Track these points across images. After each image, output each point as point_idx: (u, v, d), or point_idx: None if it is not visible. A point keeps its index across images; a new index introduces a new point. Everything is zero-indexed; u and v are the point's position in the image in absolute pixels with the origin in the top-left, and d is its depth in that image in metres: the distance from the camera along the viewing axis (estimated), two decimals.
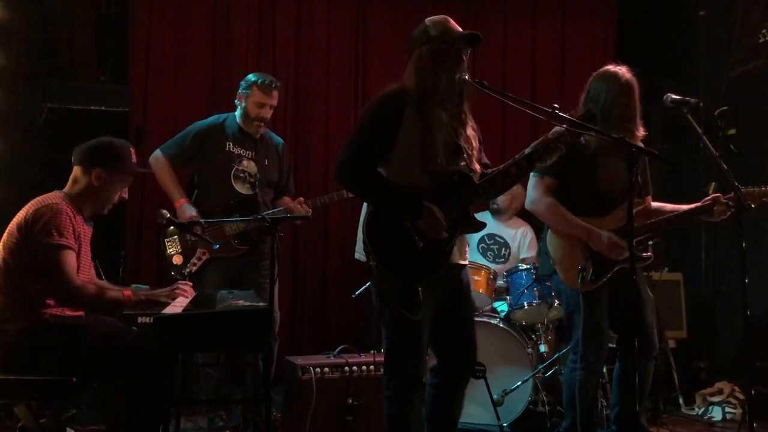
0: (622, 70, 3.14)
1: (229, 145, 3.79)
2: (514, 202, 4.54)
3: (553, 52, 5.52)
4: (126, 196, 2.97)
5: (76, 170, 2.88)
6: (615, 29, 5.59)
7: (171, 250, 3.69)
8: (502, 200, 4.51)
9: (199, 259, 3.64)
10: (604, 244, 3.03)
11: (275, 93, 3.81)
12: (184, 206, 3.71)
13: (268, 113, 3.82)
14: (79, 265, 2.81)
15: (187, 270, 3.62)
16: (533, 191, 3.19)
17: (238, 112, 3.85)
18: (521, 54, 5.47)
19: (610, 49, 5.52)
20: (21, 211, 2.77)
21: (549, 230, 3.23)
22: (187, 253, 3.68)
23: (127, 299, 2.77)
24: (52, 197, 2.79)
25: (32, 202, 2.79)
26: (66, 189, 2.87)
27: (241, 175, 3.78)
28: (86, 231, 2.90)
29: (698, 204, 3.16)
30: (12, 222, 2.78)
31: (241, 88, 3.83)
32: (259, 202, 3.75)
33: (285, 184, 3.97)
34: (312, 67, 5.10)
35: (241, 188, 3.77)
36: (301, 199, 3.84)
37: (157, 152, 3.83)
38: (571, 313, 3.16)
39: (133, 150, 2.95)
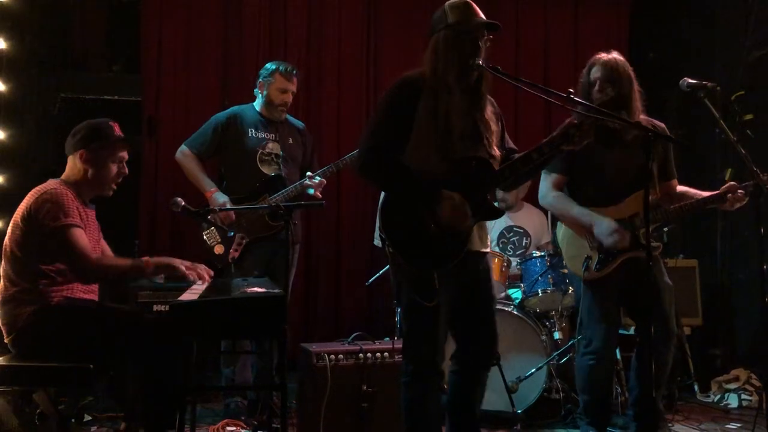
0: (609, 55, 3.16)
1: (251, 131, 3.85)
2: (520, 193, 4.55)
3: (566, 39, 5.46)
4: (126, 171, 2.96)
5: (68, 160, 2.93)
6: (629, 13, 5.53)
7: (211, 242, 3.74)
8: (508, 196, 4.48)
9: (240, 244, 3.69)
10: (603, 231, 3.05)
11: (296, 79, 3.91)
12: (215, 195, 3.75)
13: (289, 98, 3.91)
14: None
15: (231, 257, 3.66)
16: (542, 187, 3.27)
17: (258, 101, 3.92)
18: (534, 42, 5.42)
19: (623, 34, 5.46)
20: (22, 203, 2.80)
21: (559, 222, 3.32)
22: (226, 241, 3.74)
23: (146, 264, 2.79)
24: (50, 184, 2.83)
25: (31, 192, 2.81)
26: (62, 177, 2.91)
27: (266, 158, 3.84)
28: (88, 212, 2.92)
29: (711, 193, 3.14)
30: (15, 215, 2.80)
31: (261, 77, 3.88)
32: (285, 178, 3.81)
33: (309, 162, 4.02)
34: (324, 55, 5.09)
35: (267, 170, 3.82)
36: (309, 174, 3.83)
37: (183, 147, 3.90)
38: (581, 300, 3.21)
39: (115, 124, 2.95)
